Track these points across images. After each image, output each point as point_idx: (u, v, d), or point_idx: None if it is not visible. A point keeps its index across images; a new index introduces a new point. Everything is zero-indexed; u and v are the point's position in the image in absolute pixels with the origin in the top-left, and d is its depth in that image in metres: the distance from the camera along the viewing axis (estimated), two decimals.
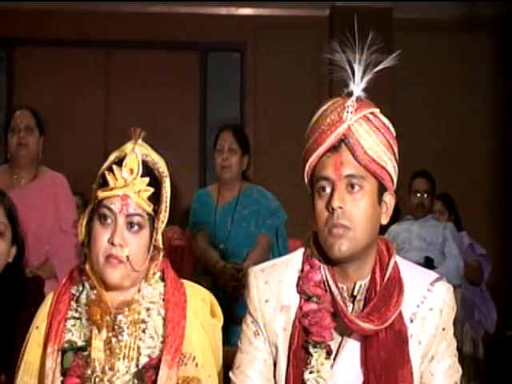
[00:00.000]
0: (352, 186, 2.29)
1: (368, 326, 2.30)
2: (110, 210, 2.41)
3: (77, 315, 2.49)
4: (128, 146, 2.48)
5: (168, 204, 2.52)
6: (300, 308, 2.38)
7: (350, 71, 2.34)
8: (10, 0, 8.12)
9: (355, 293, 2.39)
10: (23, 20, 8.47)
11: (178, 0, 8.45)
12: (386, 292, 2.36)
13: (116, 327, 2.47)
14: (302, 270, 2.42)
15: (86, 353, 2.45)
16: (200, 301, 2.60)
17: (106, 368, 2.45)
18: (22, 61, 8.88)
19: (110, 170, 2.44)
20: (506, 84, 8.56)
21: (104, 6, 8.46)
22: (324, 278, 2.38)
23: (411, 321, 2.38)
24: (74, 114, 8.57)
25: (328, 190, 2.30)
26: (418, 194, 6.59)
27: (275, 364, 2.41)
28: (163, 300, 2.52)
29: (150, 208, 2.45)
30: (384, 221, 2.40)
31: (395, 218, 2.50)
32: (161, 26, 8.58)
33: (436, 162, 7.47)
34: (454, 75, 8.64)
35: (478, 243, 6.86)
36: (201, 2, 8.56)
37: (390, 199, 2.38)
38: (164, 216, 2.51)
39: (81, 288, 2.52)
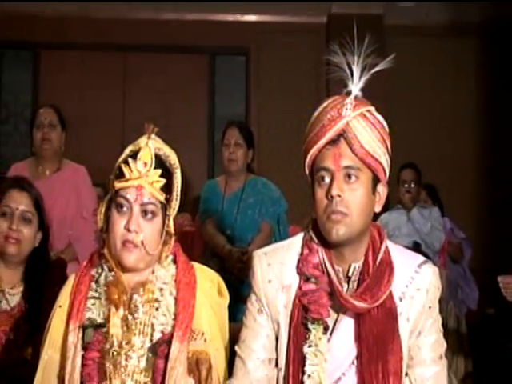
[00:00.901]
0: (349, 176, 2.30)
1: (361, 304, 2.31)
2: (126, 199, 2.42)
3: (96, 295, 2.49)
4: (142, 141, 2.48)
5: (179, 193, 2.52)
6: (300, 288, 2.38)
7: (348, 72, 2.34)
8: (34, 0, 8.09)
9: (350, 274, 2.39)
10: (48, 25, 8.46)
11: (188, 8, 8.42)
12: (378, 273, 2.36)
13: (132, 306, 2.48)
14: (301, 253, 2.42)
15: (104, 329, 2.45)
16: (208, 281, 2.60)
17: (123, 343, 2.45)
18: (47, 63, 8.88)
19: (126, 162, 2.44)
20: (491, 85, 8.55)
21: (121, 13, 8.46)
22: (321, 260, 2.38)
23: (400, 299, 2.38)
24: (93, 111, 8.58)
25: (327, 180, 2.31)
26: (406, 184, 6.59)
27: (277, 339, 2.41)
28: (175, 281, 2.52)
29: (162, 197, 2.45)
30: (377, 209, 2.40)
31: (385, 206, 2.51)
32: (172, 32, 8.58)
33: (424, 156, 7.45)
34: (442, 76, 8.65)
35: (458, 228, 6.86)
36: (209, 10, 8.55)
37: (382, 189, 2.39)
38: (175, 204, 2.51)
39: (100, 270, 2.52)
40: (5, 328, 3.06)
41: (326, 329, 2.35)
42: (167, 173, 2.47)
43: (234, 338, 2.54)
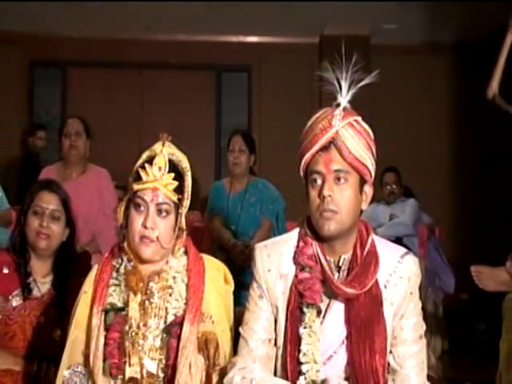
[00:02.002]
0: (339, 178, 2.30)
1: (350, 290, 2.32)
2: (143, 199, 2.43)
3: (117, 282, 2.50)
4: (157, 147, 2.49)
5: (190, 193, 2.52)
6: (296, 276, 2.38)
7: (338, 86, 2.34)
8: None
9: (340, 264, 2.39)
10: (74, 46, 8.48)
11: (197, 30, 8.43)
12: (365, 263, 2.36)
13: (148, 292, 2.48)
14: (297, 246, 2.42)
15: (124, 312, 2.46)
16: (215, 270, 2.61)
17: (141, 324, 2.46)
18: (73, 79, 8.90)
19: (143, 167, 2.45)
20: (461, 97, 8.58)
21: (138, 34, 8.47)
22: (315, 252, 2.38)
23: (385, 286, 2.37)
24: (114, 121, 8.58)
25: (319, 182, 2.31)
26: (388, 186, 6.63)
27: (276, 321, 2.41)
28: (186, 270, 2.53)
29: (175, 197, 2.46)
30: (364, 207, 2.40)
31: (370, 203, 2.53)
32: (184, 52, 8.60)
33: (405, 159, 7.46)
34: (419, 90, 8.69)
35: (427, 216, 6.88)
36: (216, 32, 8.56)
37: (369, 190, 2.39)
38: (186, 203, 2.51)
39: (120, 261, 2.53)
40: (36, 312, 3.06)
41: (319, 312, 2.35)
42: (179, 176, 2.48)
43: (238, 321, 2.54)
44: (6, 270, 3.09)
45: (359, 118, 2.35)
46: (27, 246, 3.15)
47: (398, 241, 5.77)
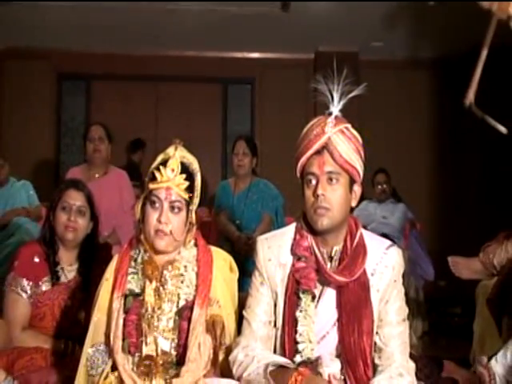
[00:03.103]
0: (331, 179, 2.32)
1: (341, 278, 2.33)
2: (158, 197, 2.44)
3: (135, 271, 2.50)
4: (171, 151, 2.49)
5: (199, 192, 2.53)
6: (293, 265, 2.38)
7: (330, 97, 2.35)
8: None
9: (332, 255, 2.40)
10: (97, 61, 8.47)
11: (206, 47, 8.43)
12: (354, 254, 2.37)
13: (162, 279, 2.49)
14: (294, 239, 2.42)
15: (141, 297, 2.46)
16: (222, 260, 2.62)
17: (156, 308, 2.46)
18: (96, 91, 8.89)
19: (158, 169, 2.46)
20: (441, 108, 8.58)
21: (154, 51, 8.47)
22: (310, 244, 2.38)
23: (372, 275, 2.38)
24: (132, 128, 8.56)
25: (314, 182, 2.32)
26: (379, 186, 6.64)
27: (275, 305, 2.41)
28: (196, 260, 2.53)
29: (186, 196, 2.46)
30: (353, 204, 2.42)
31: (360, 201, 2.52)
32: (194, 66, 8.58)
33: (389, 161, 7.45)
34: (403, 101, 8.67)
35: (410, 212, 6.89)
36: (222, 49, 8.56)
37: (357, 189, 2.40)
38: (196, 201, 2.52)
39: (137, 251, 2.53)
40: (63, 296, 3.06)
41: (313, 298, 2.36)
42: (190, 176, 2.48)
43: (242, 305, 2.54)
44: (36, 259, 3.10)
45: (349, 126, 2.36)
46: (56, 238, 3.16)
47: (384, 234, 5.78)
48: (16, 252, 3.17)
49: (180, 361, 2.43)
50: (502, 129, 1.66)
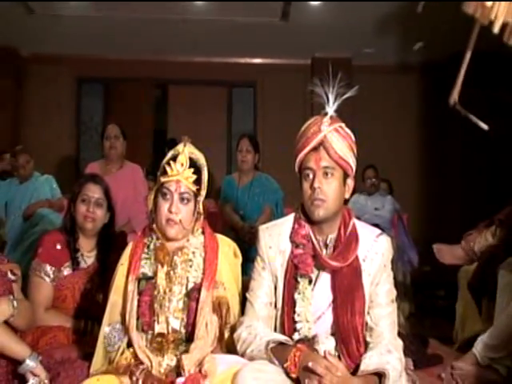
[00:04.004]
0: (326, 173, 2.32)
1: (335, 263, 2.33)
2: (169, 190, 2.44)
3: (148, 256, 2.51)
4: (180, 147, 2.50)
5: (206, 185, 2.53)
6: (292, 252, 2.39)
7: (326, 99, 2.35)
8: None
9: (327, 242, 2.40)
10: (113, 65, 8.46)
11: (213, 53, 8.43)
12: (348, 242, 2.37)
13: (173, 264, 2.49)
14: (293, 227, 2.43)
15: (153, 281, 2.47)
16: (227, 246, 2.62)
17: (167, 290, 2.47)
18: (113, 92, 8.90)
19: (168, 163, 2.46)
20: (429, 108, 8.57)
21: (164, 56, 8.46)
22: (307, 232, 2.39)
23: (364, 260, 2.38)
24: (146, 128, 8.58)
25: (311, 176, 2.33)
26: (369, 180, 6.63)
27: (275, 288, 2.42)
28: (203, 246, 2.54)
29: (194, 188, 2.47)
30: (347, 196, 2.43)
31: (353, 193, 2.55)
32: (201, 70, 8.58)
33: (379, 157, 7.44)
34: (393, 102, 8.66)
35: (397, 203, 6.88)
36: (227, 55, 8.55)
37: (350, 182, 2.41)
38: (203, 192, 2.52)
39: (150, 239, 2.53)
40: (83, 280, 3.06)
41: (310, 281, 2.36)
42: (198, 170, 2.48)
43: (245, 288, 2.55)
44: (58, 247, 3.10)
45: (343, 125, 2.37)
46: (76, 228, 3.16)
47: (376, 225, 5.78)
48: (40, 240, 3.17)
49: (189, 338, 2.43)
50: (483, 125, 1.66)
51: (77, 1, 6.83)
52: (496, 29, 1.57)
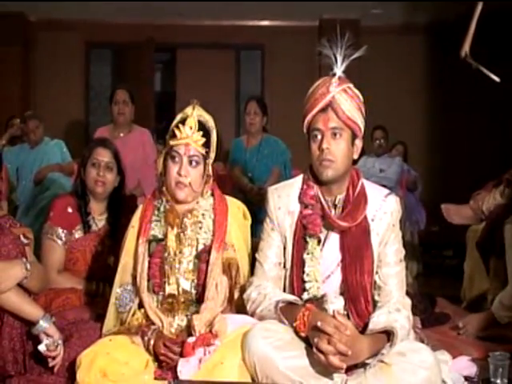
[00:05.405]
0: (335, 134, 2.31)
1: (344, 223, 2.33)
2: (178, 153, 2.43)
3: (158, 218, 2.51)
4: (189, 110, 2.49)
5: (215, 148, 2.52)
6: (300, 212, 2.39)
7: (334, 60, 2.33)
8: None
9: (336, 203, 2.40)
10: (122, 31, 8.39)
11: (222, 16, 8.34)
12: (356, 202, 2.37)
13: (183, 226, 2.49)
14: (301, 188, 2.42)
15: (163, 243, 2.48)
16: (236, 208, 2.62)
17: (177, 252, 2.48)
18: (122, 58, 8.82)
19: (177, 126, 2.45)
20: (434, 70, 8.48)
21: (173, 20, 8.39)
22: (316, 193, 2.38)
23: (372, 220, 2.38)
24: (155, 92, 8.54)
25: (319, 137, 2.32)
26: (377, 141, 6.57)
27: (285, 248, 2.42)
28: (213, 208, 2.53)
29: (203, 151, 2.45)
30: (355, 156, 2.41)
31: (361, 154, 2.53)
32: (210, 34, 8.50)
33: (388, 118, 7.37)
34: (399, 63, 8.57)
35: (413, 169, 6.81)
36: (236, 17, 8.47)
37: (359, 142, 2.39)
38: (212, 155, 2.51)
39: (160, 201, 2.53)
40: (94, 243, 3.07)
41: (319, 241, 2.36)
42: (206, 133, 2.47)
43: (254, 248, 2.55)
44: (70, 210, 3.10)
45: (351, 85, 2.35)
46: (87, 191, 3.15)
47: (383, 185, 5.76)
48: (51, 204, 3.18)
49: (199, 299, 2.44)
50: (495, 77, 1.64)
51: None
52: None
